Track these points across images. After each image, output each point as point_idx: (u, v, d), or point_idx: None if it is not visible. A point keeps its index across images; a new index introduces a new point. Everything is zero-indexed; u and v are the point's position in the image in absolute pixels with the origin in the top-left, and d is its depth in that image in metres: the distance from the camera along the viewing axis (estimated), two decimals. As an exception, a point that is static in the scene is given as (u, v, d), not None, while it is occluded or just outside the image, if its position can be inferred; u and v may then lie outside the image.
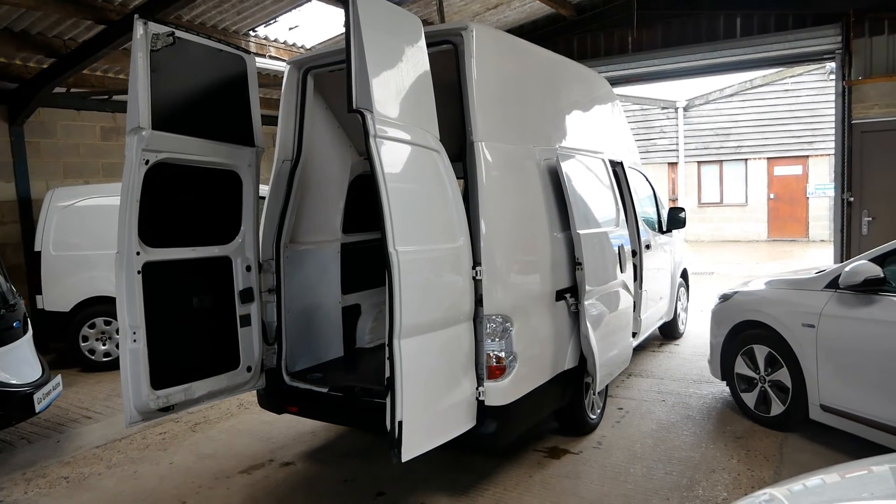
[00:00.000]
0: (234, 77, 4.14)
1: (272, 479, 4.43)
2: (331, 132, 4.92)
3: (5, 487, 4.45)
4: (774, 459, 4.42)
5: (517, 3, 10.01)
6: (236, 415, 5.82)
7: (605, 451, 4.65)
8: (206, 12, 7.97)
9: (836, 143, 9.11)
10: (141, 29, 3.52)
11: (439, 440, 3.37)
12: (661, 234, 7.09)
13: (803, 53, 9.37)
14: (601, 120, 5.91)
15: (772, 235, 20.22)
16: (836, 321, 4.35)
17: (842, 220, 9.04)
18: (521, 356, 3.82)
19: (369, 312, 5.41)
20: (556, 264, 4.31)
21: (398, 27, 3.48)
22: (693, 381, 6.25)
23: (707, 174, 21.26)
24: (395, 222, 3.08)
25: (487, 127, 3.83)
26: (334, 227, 5.10)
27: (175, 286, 3.90)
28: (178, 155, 3.76)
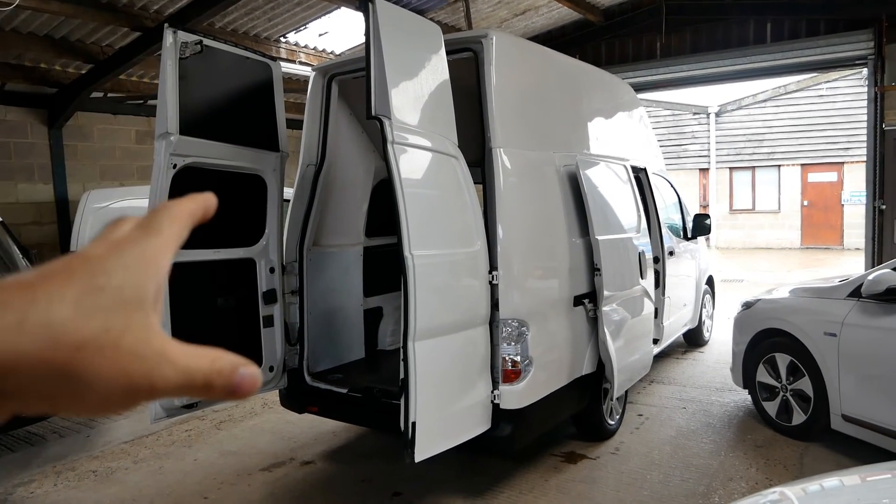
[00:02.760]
0: (260, 83, 4.25)
1: (292, 478, 4.52)
2: (354, 137, 5.02)
3: (36, 479, 4.62)
4: (794, 469, 4.38)
5: (545, 10, 10.03)
6: (260, 414, 5.94)
7: (622, 457, 4.65)
8: (237, 19, 8.14)
9: (868, 149, 8.94)
10: (170, 38, 3.64)
11: (453, 442, 3.42)
12: (685, 240, 7.04)
13: (835, 59, 9.22)
14: (624, 126, 5.91)
15: (805, 243, 19.85)
16: (858, 330, 4.30)
17: (873, 228, 8.86)
18: (538, 360, 3.85)
19: (391, 315, 5.49)
20: (575, 269, 4.33)
21: (418, 35, 3.55)
22: (715, 389, 6.20)
23: (739, 180, 20.97)
24: (410, 227, 3.14)
25: (506, 133, 3.88)
26: (357, 230, 5.19)
27: (200, 286, 4.01)
28: (204, 159, 3.88)
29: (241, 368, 0.41)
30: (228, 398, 0.41)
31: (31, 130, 8.68)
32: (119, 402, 0.38)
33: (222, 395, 0.40)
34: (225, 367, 0.40)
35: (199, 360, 0.40)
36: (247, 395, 0.41)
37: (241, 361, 0.41)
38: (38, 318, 0.36)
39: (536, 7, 9.87)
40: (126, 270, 0.39)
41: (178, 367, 0.39)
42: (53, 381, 0.36)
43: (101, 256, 0.40)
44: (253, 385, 0.41)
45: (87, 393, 0.37)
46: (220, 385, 0.40)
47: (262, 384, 0.42)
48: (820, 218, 19.64)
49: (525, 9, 9.86)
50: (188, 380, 0.39)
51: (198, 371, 0.39)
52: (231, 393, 0.40)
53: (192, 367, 0.39)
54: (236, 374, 0.40)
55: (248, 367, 0.41)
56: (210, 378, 0.40)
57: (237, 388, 0.41)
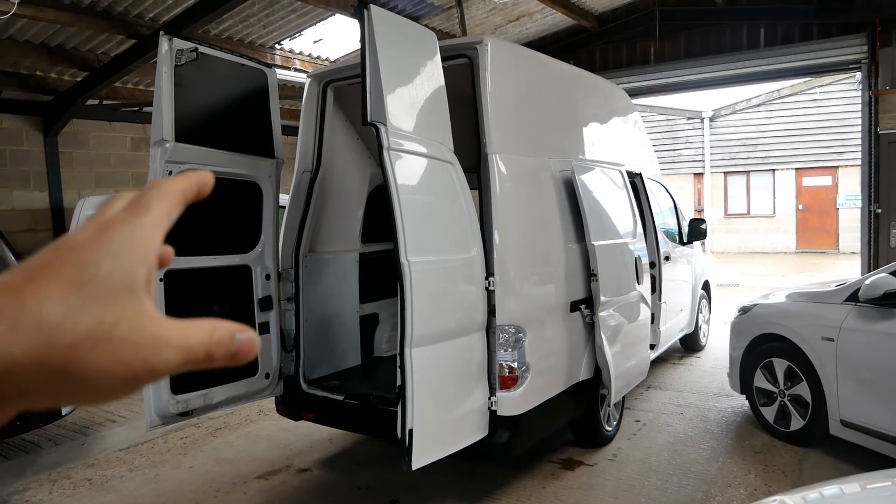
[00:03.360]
0: (255, 90, 4.25)
1: (288, 485, 4.50)
2: (350, 144, 5.01)
3: (31, 488, 4.59)
4: (793, 475, 4.37)
5: (539, 16, 10.05)
6: (256, 421, 5.92)
7: (620, 464, 4.64)
8: (233, 26, 8.14)
9: (863, 153, 8.97)
10: (166, 45, 3.64)
11: (450, 449, 3.41)
12: (681, 245, 7.05)
13: (829, 63, 9.26)
14: (619, 131, 5.92)
15: (800, 247, 19.90)
16: (856, 335, 4.30)
17: (869, 232, 8.89)
18: (535, 367, 3.84)
19: (387, 321, 5.47)
20: (571, 275, 4.33)
21: (413, 42, 3.55)
22: (713, 395, 6.20)
23: (734, 185, 21.03)
24: (407, 233, 3.14)
25: (502, 139, 3.88)
26: (353, 236, 5.18)
27: (196, 294, 4.00)
28: (200, 166, 3.87)
29: (238, 335, 0.42)
30: (230, 364, 0.42)
31: (26, 138, 8.66)
32: (121, 390, 0.39)
33: (224, 363, 0.42)
34: (223, 336, 0.41)
35: (196, 335, 0.40)
36: (246, 358, 0.42)
37: (238, 328, 0.42)
38: (29, 322, 0.36)
39: (530, 13, 9.89)
40: (114, 257, 0.39)
41: (176, 347, 0.39)
42: (52, 380, 0.37)
43: (88, 244, 0.39)
44: (251, 349, 0.42)
45: (88, 386, 0.37)
46: (220, 355, 0.41)
47: (259, 346, 0.43)
48: (815, 222, 19.69)
49: (519, 15, 9.89)
50: (188, 356, 0.40)
51: (197, 346, 0.40)
52: (232, 359, 0.42)
53: (191, 343, 0.40)
54: (234, 341, 0.41)
55: (245, 332, 0.42)
56: (209, 350, 0.41)
57: (236, 354, 0.42)
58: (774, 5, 9.35)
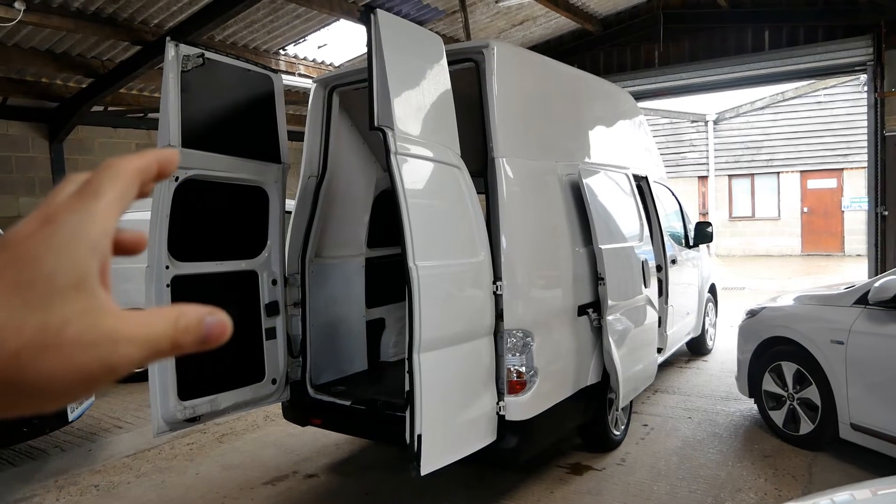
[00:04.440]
0: (261, 96, 4.25)
1: (295, 491, 4.48)
2: (356, 148, 5.01)
3: (38, 494, 4.58)
4: (803, 479, 4.34)
5: (543, 20, 10.07)
6: (262, 426, 5.90)
7: (628, 468, 4.61)
8: (237, 32, 8.17)
9: (869, 155, 8.95)
10: (172, 51, 3.64)
11: (459, 454, 3.39)
12: (687, 248, 7.03)
13: (834, 66, 9.24)
14: (625, 135, 5.91)
15: (805, 250, 19.84)
16: (865, 338, 4.27)
17: (876, 235, 8.85)
18: (543, 371, 3.82)
19: (393, 326, 5.46)
20: (578, 279, 4.31)
21: (420, 46, 3.55)
22: (721, 398, 6.16)
23: (738, 188, 20.98)
24: (415, 238, 3.13)
25: (509, 143, 3.87)
26: (359, 241, 5.17)
27: (202, 299, 3.93)
28: (206, 171, 3.87)
29: (207, 318, 0.40)
30: (201, 349, 0.40)
31: (32, 144, 8.69)
32: (78, 392, 0.36)
33: (194, 349, 0.39)
34: (190, 322, 0.39)
35: (159, 326, 0.38)
36: (218, 342, 0.40)
37: (205, 311, 0.40)
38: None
39: (534, 17, 9.91)
40: (58, 252, 0.36)
41: (136, 341, 0.37)
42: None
43: (30, 239, 0.36)
44: (222, 330, 0.40)
45: (40, 393, 0.35)
46: (188, 342, 0.39)
47: (230, 328, 0.40)
48: (820, 224, 19.63)
49: (523, 19, 9.90)
50: (152, 349, 0.38)
51: (161, 337, 0.38)
52: (202, 344, 0.39)
53: (154, 334, 0.38)
54: (203, 325, 0.39)
55: (215, 314, 0.40)
56: (176, 339, 0.38)
57: (207, 338, 0.39)
58: (779, 8, 9.35)
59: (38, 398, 0.35)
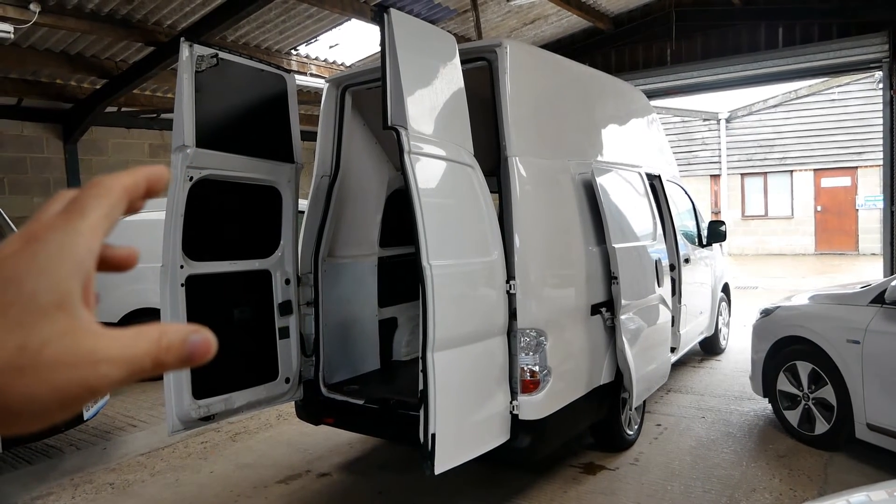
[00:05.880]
0: (274, 95, 4.26)
1: (309, 490, 4.50)
2: (368, 148, 5.02)
3: (54, 492, 4.62)
4: (819, 479, 4.31)
5: (554, 18, 10.04)
6: (275, 425, 5.93)
7: (642, 468, 4.59)
8: (249, 32, 8.20)
9: (885, 153, 8.86)
10: (186, 51, 3.66)
11: (472, 453, 3.39)
12: (700, 247, 6.99)
13: (848, 63, 9.16)
14: (637, 133, 5.89)
15: (819, 249, 19.68)
16: (882, 337, 4.23)
17: (891, 233, 8.77)
18: (556, 370, 3.81)
19: (406, 325, 5.47)
20: (592, 278, 4.30)
21: (433, 45, 3.55)
22: (734, 398, 6.13)
23: (751, 186, 20.84)
24: (428, 237, 3.13)
25: (522, 142, 3.86)
26: (371, 240, 5.18)
27: (217, 298, 4.01)
28: (220, 171, 3.88)
29: (191, 336, 0.39)
30: (184, 367, 0.39)
31: (46, 145, 8.77)
32: (58, 413, 0.36)
33: (177, 368, 0.39)
34: (173, 341, 0.38)
35: (141, 345, 0.38)
36: (202, 360, 0.39)
37: (190, 329, 0.39)
38: None
39: (546, 16, 9.88)
40: (40, 272, 0.35)
41: (117, 361, 0.37)
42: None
43: (12, 259, 0.36)
44: (207, 349, 0.39)
45: (18, 415, 0.35)
46: (172, 360, 0.38)
47: (214, 346, 0.40)
48: (834, 223, 19.46)
49: (535, 18, 9.88)
50: (134, 368, 0.37)
51: (143, 356, 0.38)
52: (185, 363, 0.39)
53: (135, 354, 0.37)
54: (186, 344, 0.39)
55: (199, 333, 0.39)
56: (158, 358, 0.38)
57: (191, 357, 0.39)
58: (793, 5, 9.27)
59: (15, 419, 0.35)
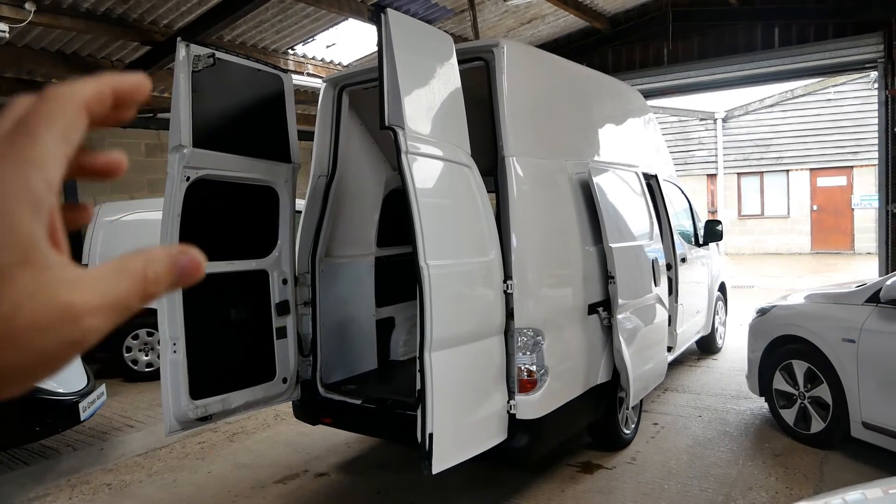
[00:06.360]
0: (271, 95, 4.26)
1: (306, 490, 4.50)
2: (365, 148, 5.02)
3: (51, 493, 4.61)
4: (814, 478, 4.32)
5: (551, 18, 10.04)
6: (273, 425, 5.92)
7: (639, 467, 4.60)
8: (246, 32, 8.19)
9: (880, 153, 8.89)
10: (183, 51, 3.65)
11: (470, 453, 3.39)
12: (697, 247, 7.01)
13: (844, 63, 9.18)
14: (634, 133, 5.90)
15: (815, 248, 19.73)
16: (877, 336, 4.25)
17: (886, 233, 8.80)
18: (553, 370, 3.82)
19: (403, 325, 5.47)
20: (589, 278, 4.30)
21: (430, 45, 3.55)
22: (731, 397, 6.14)
23: (747, 186, 20.89)
24: (425, 237, 3.13)
25: (519, 142, 3.87)
26: (369, 240, 5.18)
27: (214, 299, 4.01)
28: (217, 171, 3.88)
29: (178, 260, 0.36)
30: (176, 289, 0.37)
31: (42, 145, 8.73)
32: (46, 373, 0.33)
33: (169, 291, 0.36)
34: (159, 270, 0.35)
35: (125, 283, 0.34)
36: (192, 280, 0.36)
37: (174, 252, 0.36)
38: None
39: (543, 15, 9.88)
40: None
41: (101, 309, 0.33)
42: None
43: None
44: (196, 267, 0.36)
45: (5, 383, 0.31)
46: (162, 290, 0.35)
47: (203, 264, 0.37)
48: (830, 222, 19.52)
49: (531, 17, 9.88)
50: (120, 311, 0.34)
51: (129, 296, 0.34)
52: (176, 286, 0.36)
53: (120, 296, 0.33)
54: (174, 270, 0.36)
55: (185, 254, 0.36)
56: (146, 292, 0.35)
57: (180, 279, 0.36)
58: (789, 5, 9.29)
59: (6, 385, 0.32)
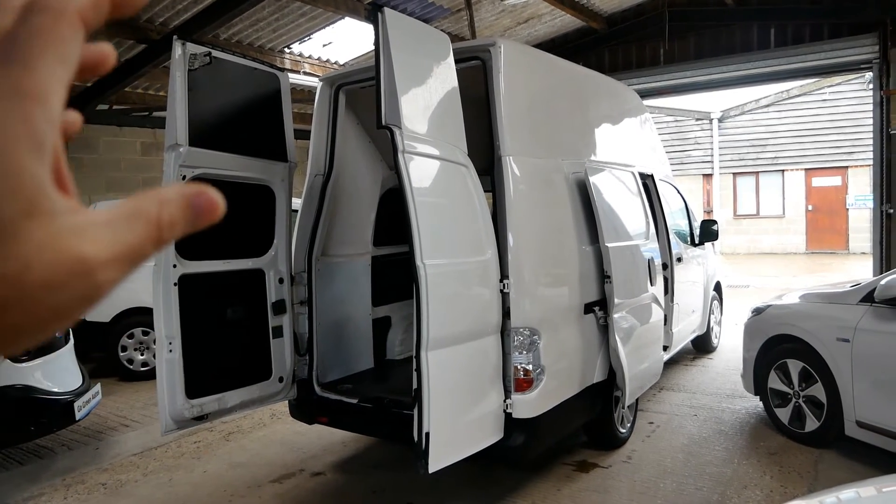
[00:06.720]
0: (268, 94, 4.25)
1: (302, 489, 4.50)
2: (362, 147, 5.01)
3: (46, 493, 4.60)
4: (809, 476, 4.34)
5: (548, 17, 10.06)
6: (269, 424, 5.92)
7: (634, 466, 4.61)
8: (242, 30, 8.18)
9: (875, 153, 8.93)
10: (179, 49, 3.65)
11: (466, 452, 3.40)
12: (693, 246, 7.02)
13: (839, 63, 9.22)
14: (631, 133, 5.91)
15: (810, 248, 19.81)
16: (871, 335, 4.27)
17: (881, 233, 8.83)
18: (549, 369, 3.83)
19: (399, 324, 5.47)
20: (585, 277, 4.31)
21: (427, 44, 3.55)
22: (726, 396, 6.16)
23: (743, 186, 20.96)
24: (422, 236, 3.13)
25: (515, 141, 3.87)
26: (365, 239, 5.18)
27: (210, 298, 4.00)
28: (213, 170, 3.87)
29: (193, 201, 0.34)
30: (192, 230, 0.35)
31: (37, 143, 8.71)
32: (59, 327, 0.31)
33: (185, 232, 0.34)
34: (175, 214, 0.33)
35: (139, 230, 0.32)
36: (210, 220, 0.34)
37: (189, 192, 0.34)
38: None
39: (539, 15, 9.89)
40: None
41: (115, 261, 0.31)
42: None
43: None
44: (213, 206, 0.34)
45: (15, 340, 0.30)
46: (178, 233, 0.34)
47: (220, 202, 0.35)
48: (825, 222, 19.60)
49: (528, 17, 9.89)
50: (134, 260, 0.32)
51: (143, 243, 0.32)
52: (193, 228, 0.34)
53: (133, 244, 0.32)
54: (190, 210, 0.33)
55: (201, 195, 0.34)
56: (161, 235, 0.33)
57: (197, 220, 0.34)
58: (785, 5, 9.32)
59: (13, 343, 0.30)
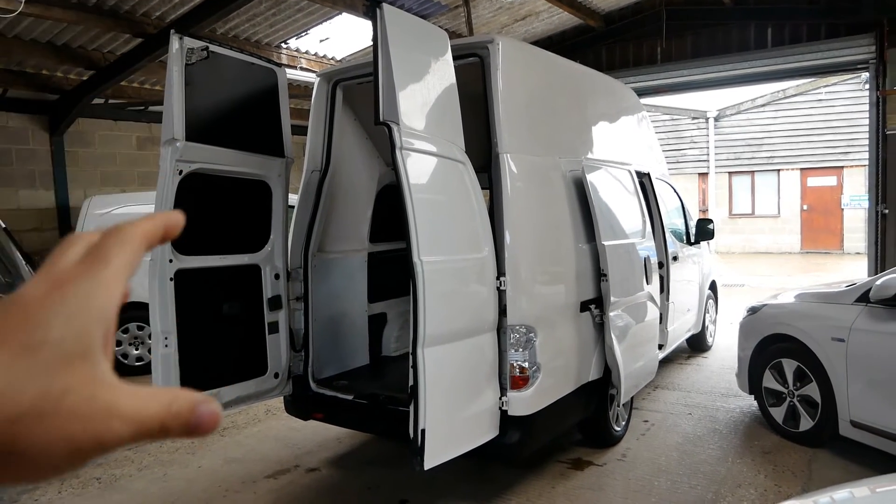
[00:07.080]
0: (265, 89, 4.24)
1: (297, 485, 4.50)
2: (359, 143, 5.00)
3: (40, 487, 4.58)
4: (803, 475, 4.36)
5: (545, 15, 10.05)
6: (264, 420, 5.91)
7: (629, 464, 4.62)
8: (239, 25, 8.15)
9: (871, 153, 8.96)
10: (176, 43, 3.63)
11: (462, 449, 3.40)
12: (689, 245, 7.04)
13: (836, 63, 9.24)
14: (628, 131, 5.91)
15: (805, 247, 19.86)
16: (866, 335, 4.28)
17: (876, 233, 8.87)
18: (545, 367, 3.83)
19: (395, 321, 5.47)
20: (581, 275, 4.31)
21: (425, 41, 3.54)
22: (720, 395, 6.18)
23: (738, 185, 20.99)
24: (419, 233, 3.13)
25: (513, 139, 3.87)
26: (361, 236, 5.17)
27: (206, 293, 3.99)
28: (210, 165, 3.86)
29: (200, 406, 0.38)
30: (187, 437, 0.38)
31: (32, 137, 8.68)
32: (64, 467, 0.35)
33: (179, 437, 0.38)
34: (182, 408, 0.38)
35: (151, 407, 0.37)
36: (207, 432, 0.39)
37: (200, 398, 0.39)
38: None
39: (537, 12, 9.89)
40: (68, 319, 0.35)
41: (128, 419, 0.36)
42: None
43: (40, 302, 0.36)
44: (213, 421, 0.39)
45: (26, 463, 0.34)
46: (176, 428, 0.38)
47: (222, 419, 0.39)
48: (820, 222, 19.65)
49: (526, 14, 9.88)
50: (140, 429, 0.36)
51: (152, 419, 0.37)
52: (189, 433, 0.38)
53: (145, 415, 0.37)
54: (194, 413, 0.38)
55: (208, 404, 0.39)
56: (165, 423, 0.37)
57: (196, 428, 0.38)
58: (782, 5, 9.34)
59: (25, 468, 0.34)
